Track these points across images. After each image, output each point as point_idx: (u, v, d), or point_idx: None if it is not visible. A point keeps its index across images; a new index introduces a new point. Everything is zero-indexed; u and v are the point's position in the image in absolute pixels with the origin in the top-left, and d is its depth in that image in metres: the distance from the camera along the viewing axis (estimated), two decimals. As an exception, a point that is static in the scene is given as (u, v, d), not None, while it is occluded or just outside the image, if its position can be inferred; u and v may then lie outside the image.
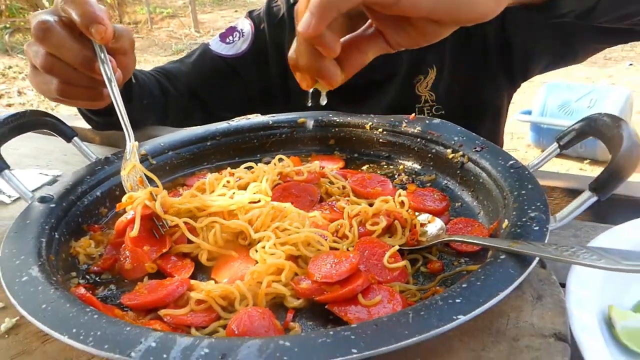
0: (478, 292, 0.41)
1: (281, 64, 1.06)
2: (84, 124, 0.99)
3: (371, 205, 0.63)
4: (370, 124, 0.80)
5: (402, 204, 0.64)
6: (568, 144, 0.59)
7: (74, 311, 0.42)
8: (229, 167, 0.74)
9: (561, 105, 3.17)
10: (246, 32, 1.07)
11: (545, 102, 3.22)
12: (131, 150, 0.63)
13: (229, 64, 1.06)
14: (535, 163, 0.62)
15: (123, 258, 0.57)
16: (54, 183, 0.78)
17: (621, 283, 0.54)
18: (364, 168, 0.79)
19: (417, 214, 0.64)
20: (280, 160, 0.73)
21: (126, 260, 0.56)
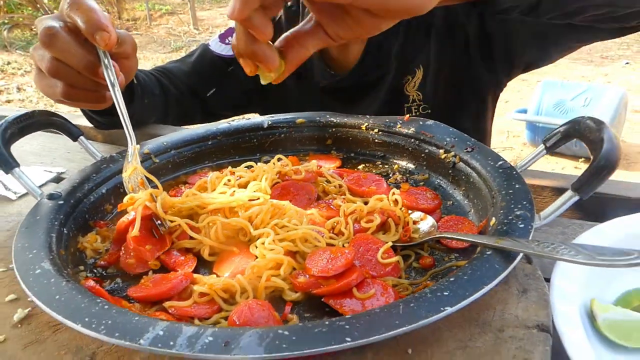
0: (465, 286, 0.43)
1: None
2: (85, 122, 1.01)
3: (366, 203, 0.64)
4: (366, 124, 0.81)
5: (396, 202, 0.65)
6: (554, 146, 0.61)
7: (86, 302, 0.43)
8: (229, 166, 0.75)
9: (556, 104, 3.17)
10: None
11: (541, 101, 3.22)
12: (132, 152, 0.64)
13: (228, 64, 1.08)
14: (523, 163, 0.63)
15: (126, 255, 0.58)
16: (58, 180, 0.79)
17: (604, 278, 0.56)
18: (359, 167, 0.80)
19: (410, 211, 0.65)
20: (279, 159, 0.74)
21: (129, 257, 0.58)
